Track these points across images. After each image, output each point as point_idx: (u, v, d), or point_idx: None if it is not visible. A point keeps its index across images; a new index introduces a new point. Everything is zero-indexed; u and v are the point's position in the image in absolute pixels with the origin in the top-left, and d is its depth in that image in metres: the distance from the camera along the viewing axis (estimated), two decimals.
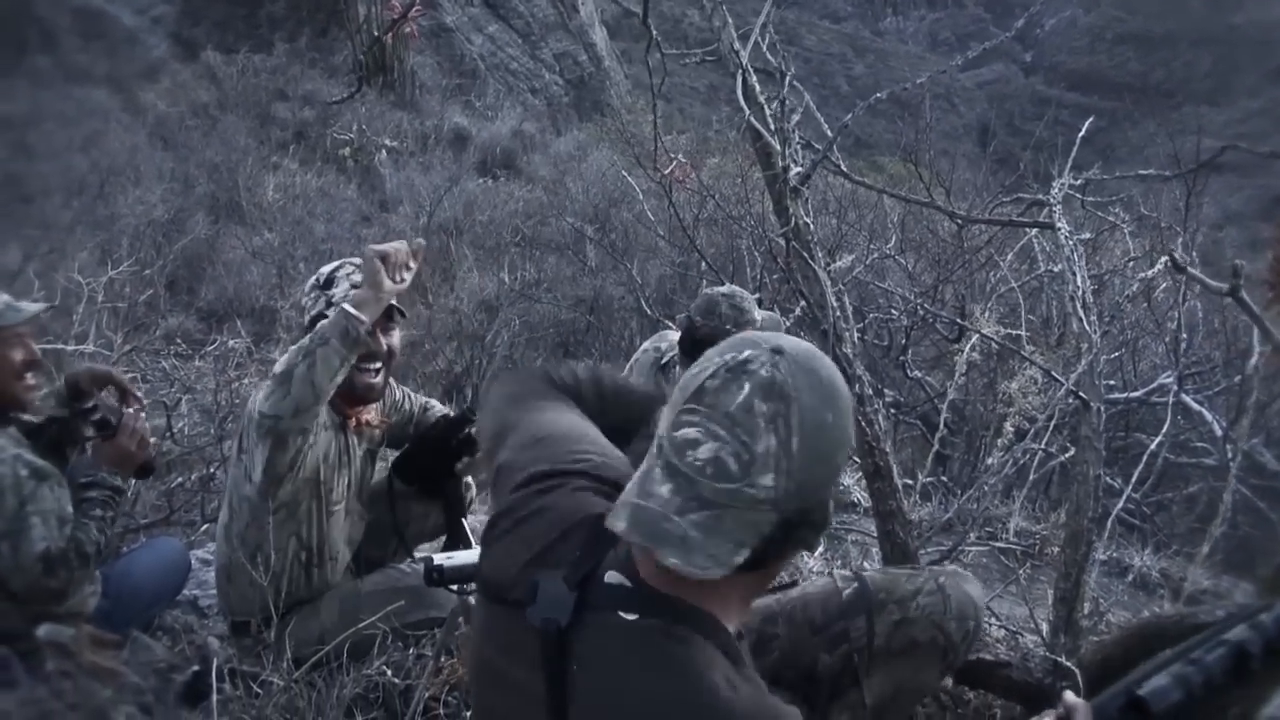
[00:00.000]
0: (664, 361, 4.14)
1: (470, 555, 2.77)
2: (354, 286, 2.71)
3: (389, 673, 2.39)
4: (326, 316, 2.66)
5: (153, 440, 2.89)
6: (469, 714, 1.75)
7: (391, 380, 3.06)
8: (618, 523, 1.30)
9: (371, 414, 3.00)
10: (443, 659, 2.44)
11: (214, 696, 2.20)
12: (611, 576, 1.38)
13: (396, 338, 2.88)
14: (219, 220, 10.69)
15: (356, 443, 2.96)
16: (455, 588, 2.66)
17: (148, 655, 2.57)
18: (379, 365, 2.83)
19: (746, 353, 1.30)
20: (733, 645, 1.38)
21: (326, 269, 2.89)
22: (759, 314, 3.96)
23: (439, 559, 2.68)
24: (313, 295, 2.86)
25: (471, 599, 2.72)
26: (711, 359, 1.32)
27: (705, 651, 1.32)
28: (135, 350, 5.88)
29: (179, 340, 6.94)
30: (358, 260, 2.77)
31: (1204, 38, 39.53)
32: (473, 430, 3.04)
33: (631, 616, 1.34)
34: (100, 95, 13.89)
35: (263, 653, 2.59)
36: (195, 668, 2.49)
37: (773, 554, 1.33)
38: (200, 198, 11.20)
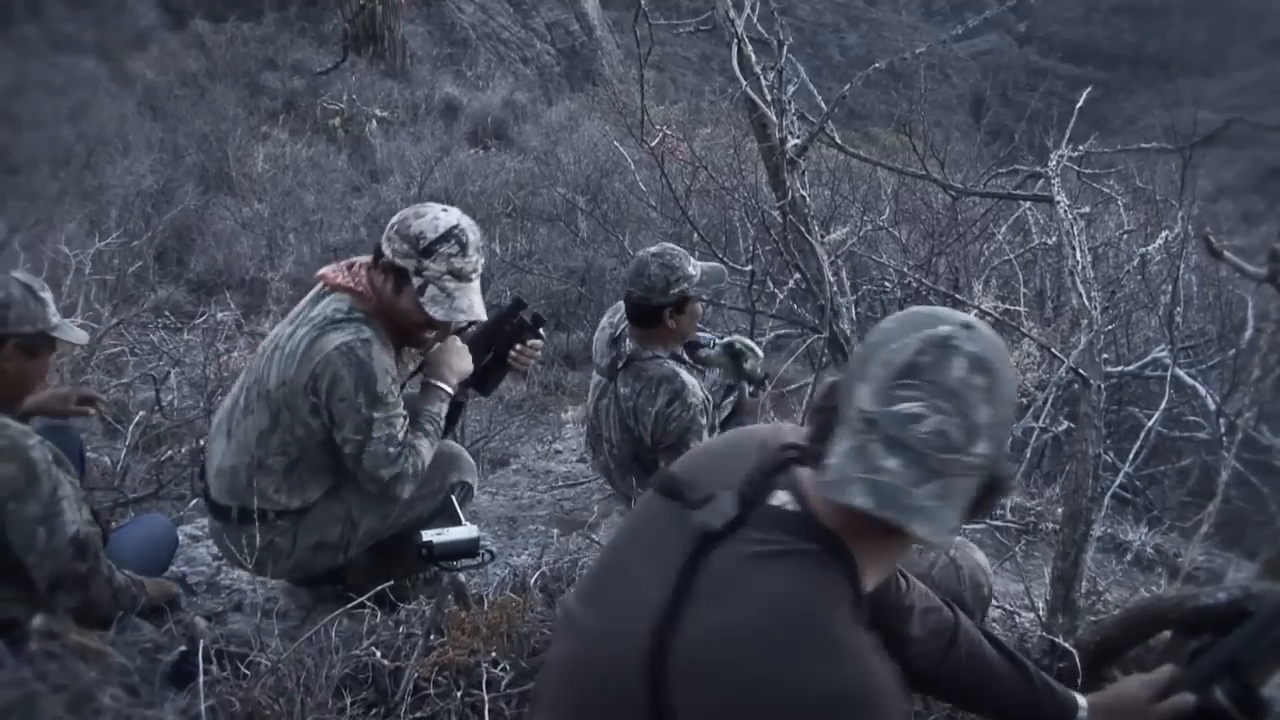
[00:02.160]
0: (616, 335, 4.13)
1: (461, 532, 2.74)
2: (450, 272, 2.78)
3: (378, 653, 2.36)
4: (420, 276, 2.78)
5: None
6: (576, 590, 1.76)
7: None
8: (857, 498, 1.33)
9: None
10: (433, 638, 2.41)
11: (201, 678, 2.17)
12: (779, 497, 1.48)
13: None
14: (208, 191, 10.61)
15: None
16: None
17: (134, 635, 2.54)
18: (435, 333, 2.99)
19: (942, 329, 1.38)
20: (861, 603, 1.46)
21: (429, 229, 2.80)
22: (693, 268, 3.94)
23: (429, 535, 2.65)
24: (405, 248, 2.80)
25: (462, 576, 2.69)
26: (906, 335, 1.38)
27: (841, 590, 1.42)
28: (123, 323, 5.84)
29: (168, 313, 6.87)
30: (469, 236, 2.82)
31: (1199, 9, 39.32)
32: (527, 316, 3.26)
33: (785, 537, 1.43)
34: (88, 64, 13.73)
35: (277, 540, 2.82)
36: (182, 648, 2.47)
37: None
38: (189, 168, 11.10)
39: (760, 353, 4.22)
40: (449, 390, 3.02)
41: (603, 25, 25.17)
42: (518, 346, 3.25)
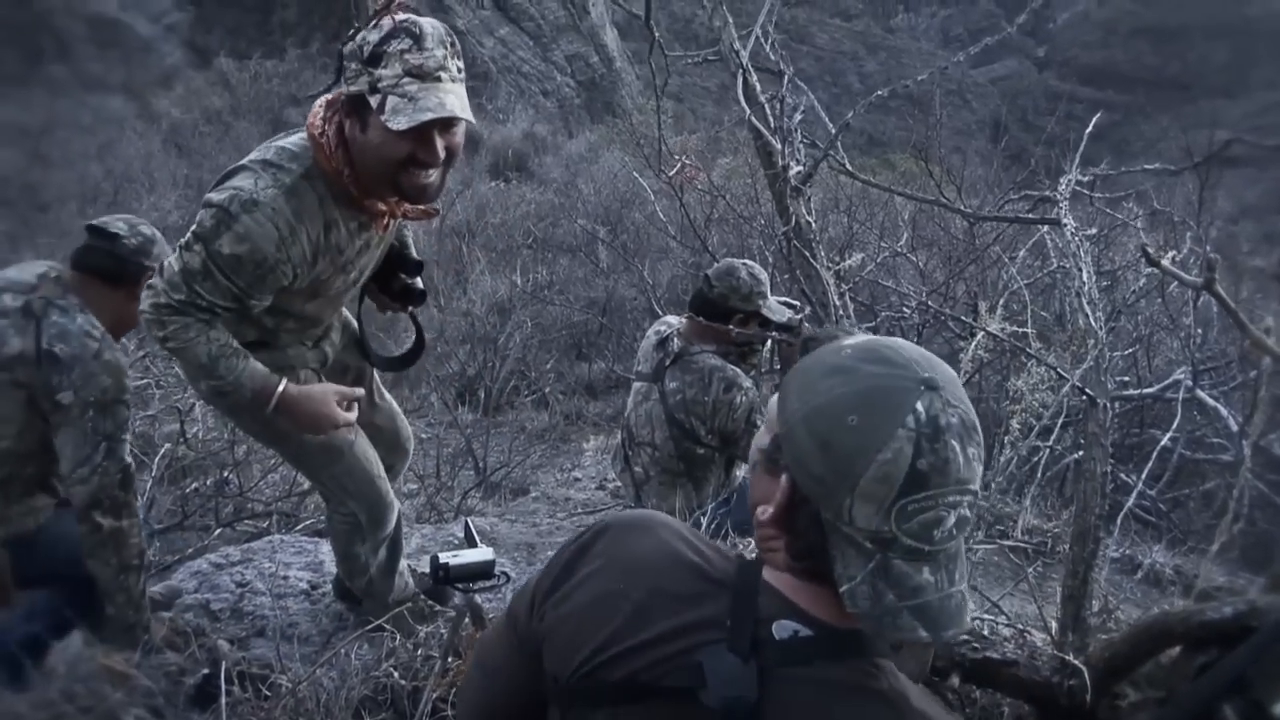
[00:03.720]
0: (662, 338, 4.26)
1: (477, 554, 2.78)
2: (408, 73, 2.19)
3: (396, 674, 2.40)
4: (376, 93, 2.22)
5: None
6: None
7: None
8: (912, 631, 1.17)
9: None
10: (449, 660, 2.45)
11: (223, 699, 2.22)
12: (783, 628, 1.23)
13: (460, 136, 2.36)
14: None
15: (378, 239, 2.65)
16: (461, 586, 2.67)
17: (159, 659, 2.60)
18: (434, 171, 2.37)
19: (919, 407, 1.16)
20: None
21: (373, 35, 2.23)
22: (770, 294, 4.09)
23: (445, 557, 2.68)
24: (354, 68, 2.25)
25: (478, 598, 2.73)
26: (887, 432, 1.15)
27: (903, 680, 1.25)
28: (149, 355, 5.92)
29: None
30: (422, 26, 2.23)
31: (1220, 30, 39.28)
32: (413, 281, 2.92)
33: (826, 666, 1.22)
34: (115, 103, 14.03)
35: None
36: (205, 670, 2.52)
37: None
38: None
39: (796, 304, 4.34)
40: (267, 403, 2.47)
41: (622, 57, 25.39)
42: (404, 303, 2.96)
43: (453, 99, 2.24)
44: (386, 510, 2.98)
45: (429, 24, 2.25)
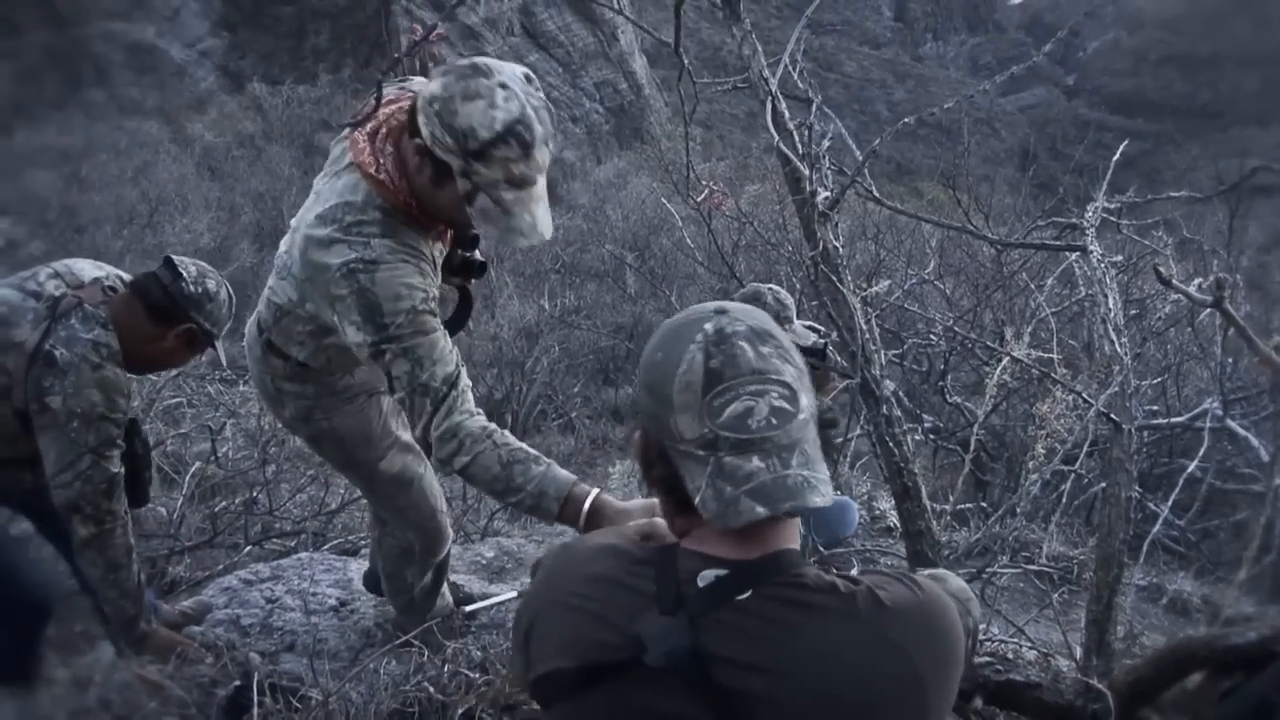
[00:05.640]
0: None
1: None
2: (508, 180, 2.06)
3: (431, 688, 2.43)
4: (467, 180, 2.07)
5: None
6: None
7: None
8: (751, 513, 1.28)
9: None
10: (477, 675, 2.47)
11: (255, 710, 2.25)
12: (704, 578, 1.36)
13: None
14: (264, 248, 10.89)
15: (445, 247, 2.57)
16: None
17: (191, 670, 2.63)
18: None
19: (707, 327, 1.36)
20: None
21: (482, 125, 2.02)
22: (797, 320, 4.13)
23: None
24: (446, 141, 2.05)
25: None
26: (683, 352, 1.34)
27: (826, 575, 1.36)
28: (182, 375, 5.99)
29: (224, 365, 7.06)
30: (535, 130, 2.06)
31: (1251, 58, 39.09)
32: (471, 255, 2.75)
33: (752, 595, 1.33)
34: (150, 127, 14.24)
35: (286, 387, 2.64)
36: (237, 682, 2.55)
37: None
38: (246, 226, 11.41)
39: (821, 328, 4.35)
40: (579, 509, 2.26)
41: (651, 84, 25.56)
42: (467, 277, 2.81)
43: (541, 209, 2.15)
44: (443, 543, 3.02)
45: (540, 123, 2.08)
